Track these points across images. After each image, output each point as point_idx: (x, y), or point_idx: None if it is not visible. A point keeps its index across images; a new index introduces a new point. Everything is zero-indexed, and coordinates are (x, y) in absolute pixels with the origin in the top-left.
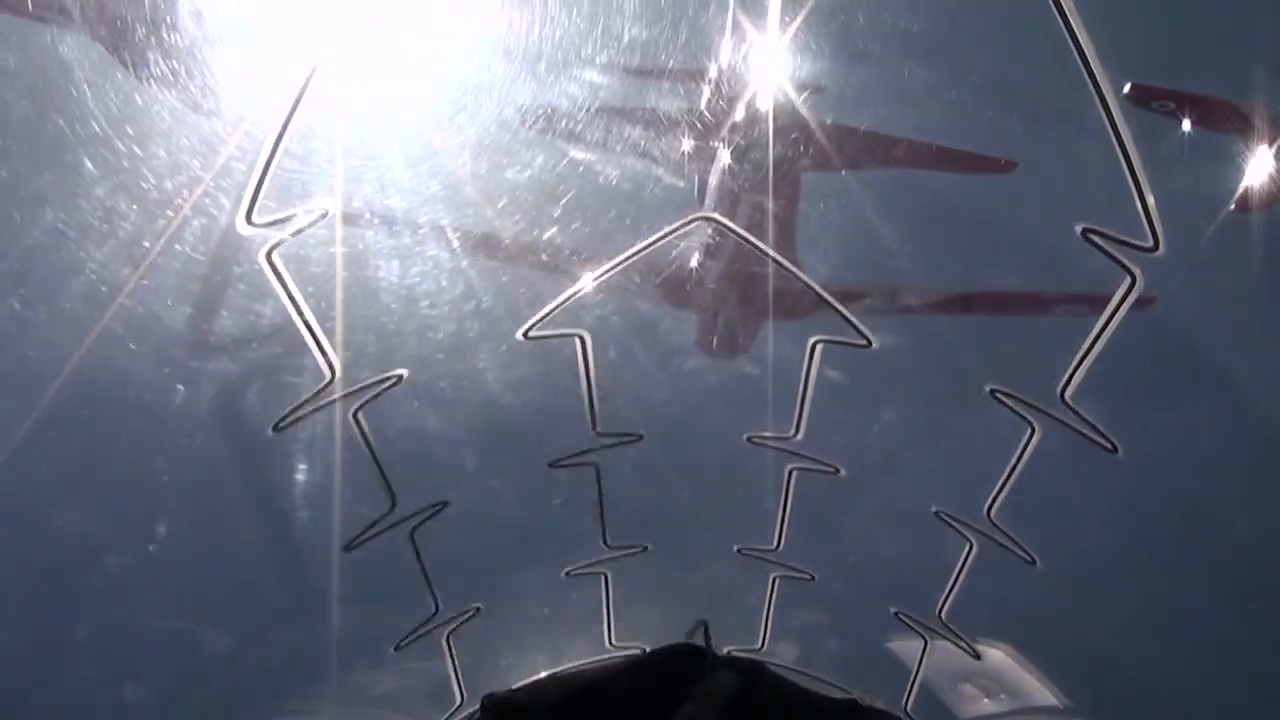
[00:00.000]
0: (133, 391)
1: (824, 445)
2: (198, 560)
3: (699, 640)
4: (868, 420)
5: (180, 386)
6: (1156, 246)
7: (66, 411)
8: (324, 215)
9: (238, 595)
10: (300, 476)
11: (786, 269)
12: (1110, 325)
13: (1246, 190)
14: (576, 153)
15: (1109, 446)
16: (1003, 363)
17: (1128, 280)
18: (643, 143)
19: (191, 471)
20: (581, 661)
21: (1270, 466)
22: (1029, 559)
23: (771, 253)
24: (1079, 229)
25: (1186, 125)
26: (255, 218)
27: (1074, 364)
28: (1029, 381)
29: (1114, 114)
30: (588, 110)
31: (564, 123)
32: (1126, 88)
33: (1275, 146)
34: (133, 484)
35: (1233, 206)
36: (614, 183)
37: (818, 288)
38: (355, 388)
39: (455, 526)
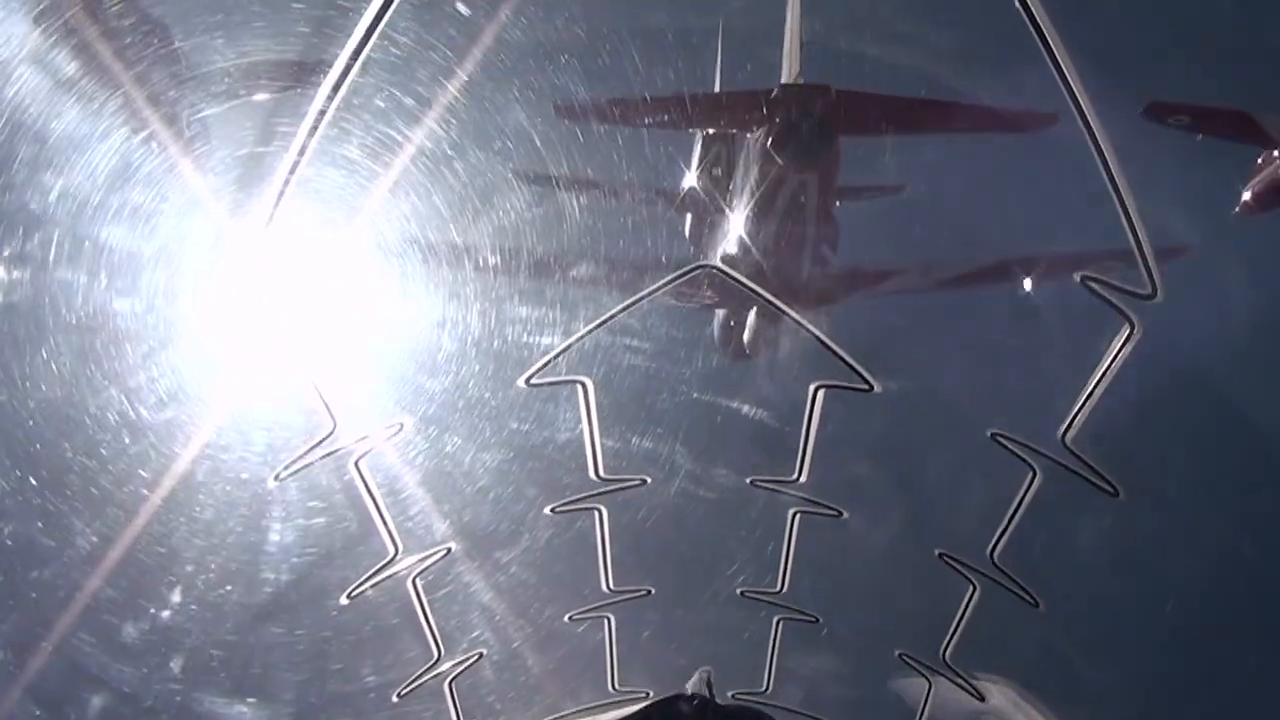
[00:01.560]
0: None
1: (826, 489)
2: (200, 611)
3: (701, 689)
4: (870, 464)
5: (178, 439)
6: (1155, 294)
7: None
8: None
9: (240, 644)
10: (302, 525)
11: (791, 318)
12: (1110, 371)
13: (1253, 194)
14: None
15: (1110, 490)
16: (1004, 407)
17: (1127, 328)
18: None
19: (193, 522)
20: (585, 706)
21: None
22: (1032, 601)
23: (775, 301)
24: (1078, 276)
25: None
26: None
27: (1075, 408)
28: (1030, 425)
29: (1114, 172)
30: None
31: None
32: (1142, 108)
33: None
34: (134, 540)
35: (1237, 210)
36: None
37: (821, 335)
38: (358, 438)
39: (457, 573)
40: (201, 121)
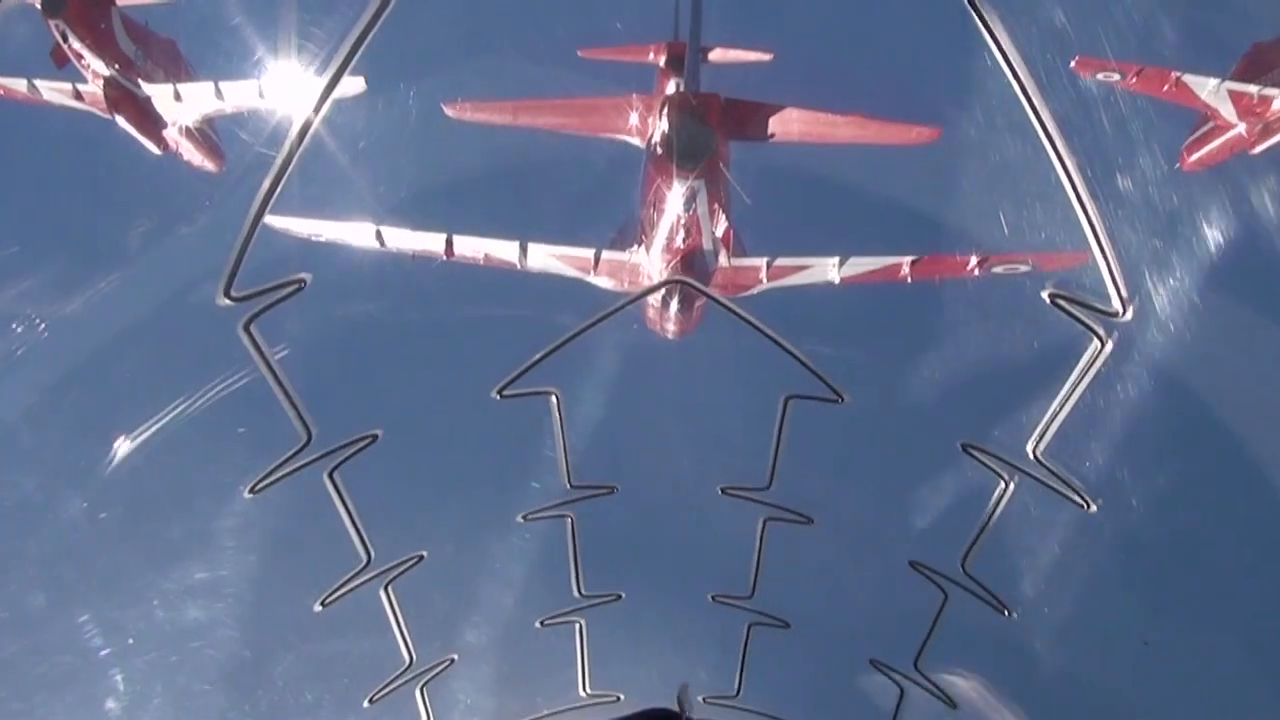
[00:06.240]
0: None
1: (796, 496)
2: (175, 619)
3: (675, 704)
4: (840, 472)
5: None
6: (1124, 311)
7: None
8: (300, 287)
9: (214, 654)
10: (275, 535)
11: (759, 329)
12: (1080, 387)
13: (1188, 149)
14: None
15: (1082, 503)
16: (975, 417)
17: (1096, 343)
18: None
19: (166, 535)
20: (556, 710)
21: (1249, 505)
22: (1002, 610)
23: (741, 312)
24: (1046, 294)
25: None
26: (234, 291)
27: (1044, 422)
28: (1002, 437)
29: (1083, 196)
30: None
31: None
32: (1072, 62)
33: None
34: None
35: (1177, 165)
36: None
37: (787, 344)
38: (331, 448)
39: (430, 579)
40: None
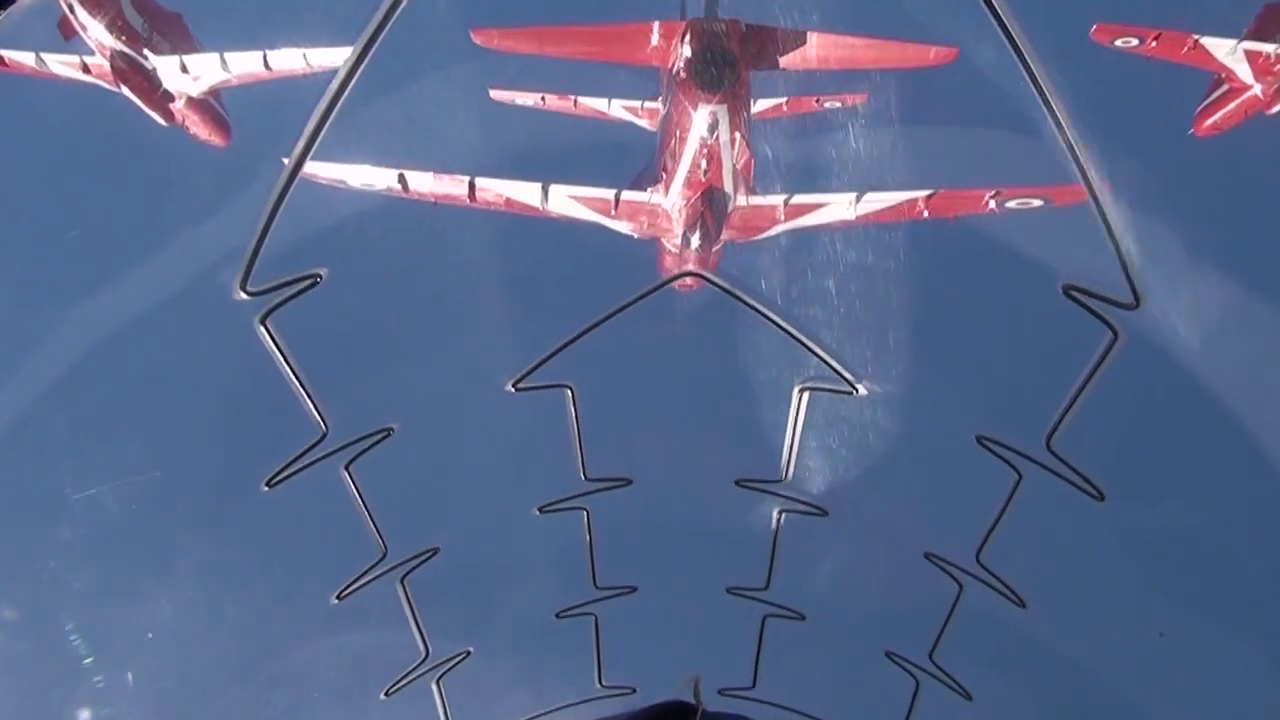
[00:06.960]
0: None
1: (812, 488)
2: (193, 610)
3: (690, 696)
4: (856, 465)
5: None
6: (1137, 304)
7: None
8: (315, 281)
9: (234, 644)
10: (292, 530)
11: (775, 322)
12: (1094, 378)
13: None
14: None
15: (1094, 493)
16: (990, 410)
17: (1110, 335)
18: None
19: (185, 526)
20: (571, 703)
21: (1256, 500)
22: (1017, 602)
23: (752, 302)
24: (1060, 286)
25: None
26: (250, 285)
27: (1058, 414)
28: (1016, 429)
29: (1098, 194)
30: None
31: None
32: (1092, 29)
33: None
34: (128, 543)
35: (1192, 131)
36: None
37: (806, 340)
38: (347, 442)
39: (446, 572)
40: None
